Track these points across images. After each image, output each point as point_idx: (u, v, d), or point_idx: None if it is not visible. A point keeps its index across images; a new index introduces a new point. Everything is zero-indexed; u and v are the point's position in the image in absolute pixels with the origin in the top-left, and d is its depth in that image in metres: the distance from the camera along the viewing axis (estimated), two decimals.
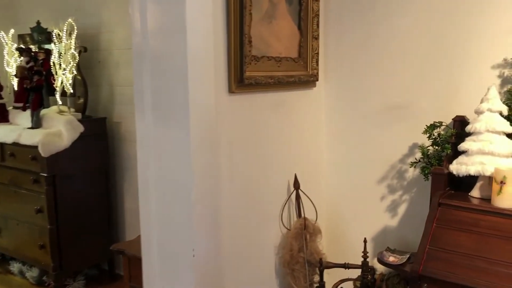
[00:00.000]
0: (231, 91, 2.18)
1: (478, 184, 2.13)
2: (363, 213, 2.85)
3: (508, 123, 2.08)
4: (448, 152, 2.24)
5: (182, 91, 1.93)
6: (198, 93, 1.96)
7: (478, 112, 2.13)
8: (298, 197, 2.58)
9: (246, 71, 2.19)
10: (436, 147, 2.34)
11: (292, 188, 2.60)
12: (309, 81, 2.70)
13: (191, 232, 2.00)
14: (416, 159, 2.46)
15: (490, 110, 2.09)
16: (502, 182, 1.95)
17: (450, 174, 2.17)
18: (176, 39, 1.92)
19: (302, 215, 2.57)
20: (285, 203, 2.60)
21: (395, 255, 2.21)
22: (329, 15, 2.80)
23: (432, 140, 2.34)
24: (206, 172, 2.04)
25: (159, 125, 2.03)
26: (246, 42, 2.18)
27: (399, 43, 2.59)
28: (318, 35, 2.69)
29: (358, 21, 2.71)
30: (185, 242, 2.02)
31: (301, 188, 2.61)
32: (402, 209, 2.71)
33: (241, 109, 2.28)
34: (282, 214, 2.59)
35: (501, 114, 2.09)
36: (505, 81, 2.29)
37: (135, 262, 2.52)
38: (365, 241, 2.49)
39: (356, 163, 2.84)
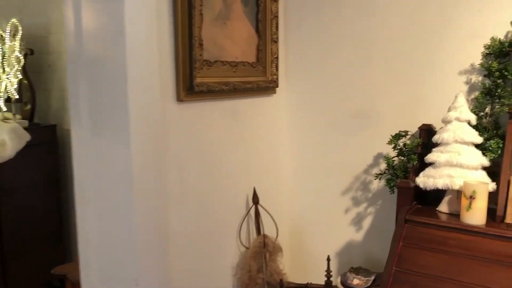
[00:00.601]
0: (179, 99, 1.98)
1: (446, 198, 1.99)
2: (327, 228, 2.69)
3: (477, 133, 1.96)
4: (415, 164, 2.10)
5: (121, 99, 1.72)
6: (139, 102, 1.75)
7: (446, 121, 2.00)
8: (257, 213, 2.40)
9: (196, 77, 2.00)
10: (402, 158, 2.20)
11: (251, 203, 2.42)
12: (268, 87, 2.53)
13: (134, 258, 1.79)
14: (381, 170, 2.32)
15: (458, 119, 1.96)
16: (472, 197, 1.81)
17: (417, 187, 2.03)
18: (114, 41, 1.71)
19: (262, 232, 2.38)
20: (243, 220, 2.41)
21: (359, 276, 2.06)
22: (289, 17, 2.64)
23: (397, 151, 2.19)
24: (150, 189, 1.83)
25: (97, 137, 1.81)
26: (196, 45, 1.98)
27: (364, 48, 2.45)
28: (277, 38, 2.52)
29: (321, 24, 2.56)
30: (127, 269, 1.81)
31: (260, 203, 2.43)
32: (367, 223, 2.56)
33: (192, 118, 2.08)
34: (240, 231, 2.40)
35: (469, 123, 1.97)
36: (472, 87, 2.18)
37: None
38: (328, 259, 2.33)
39: (320, 175, 2.68)
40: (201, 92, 2.04)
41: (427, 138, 2.14)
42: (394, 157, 2.22)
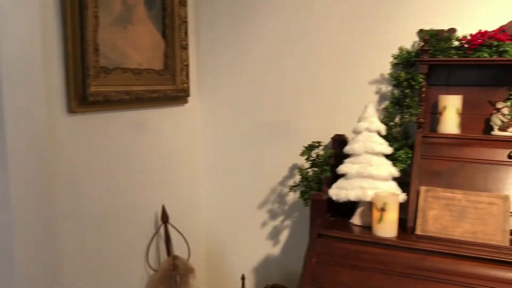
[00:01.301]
0: (71, 110, 1.76)
1: (359, 210, 1.95)
2: (244, 243, 2.57)
3: (386, 143, 1.93)
4: (328, 175, 2.05)
5: None
6: (18, 115, 1.52)
7: (356, 132, 1.96)
8: (167, 233, 2.22)
9: (91, 85, 1.79)
10: (316, 169, 2.14)
11: (160, 222, 2.24)
12: (178, 96, 2.37)
13: None
14: (295, 182, 2.24)
15: (368, 130, 1.93)
16: (383, 209, 1.77)
17: (331, 198, 1.97)
18: None
19: (172, 253, 2.21)
20: (151, 241, 2.22)
21: None
22: (200, 22, 2.51)
23: (310, 162, 2.13)
24: (33, 215, 1.60)
25: None
26: (90, 50, 1.78)
27: (277, 58, 2.37)
28: (187, 44, 2.37)
29: (233, 31, 2.45)
30: None
31: (171, 221, 2.25)
32: (284, 237, 2.48)
33: (88, 132, 1.87)
34: (148, 253, 2.20)
35: (379, 133, 1.94)
36: (383, 97, 2.17)
37: None
38: (242, 278, 2.21)
39: (236, 188, 2.56)
40: (97, 103, 1.84)
41: (339, 148, 2.10)
42: (307, 168, 2.15)
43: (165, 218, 2.22)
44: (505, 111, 1.88)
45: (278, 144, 2.42)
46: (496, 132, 1.90)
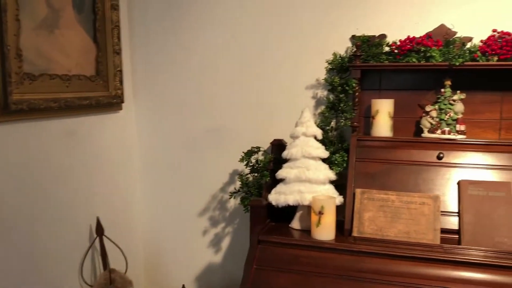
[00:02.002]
0: None
1: (297, 214, 1.96)
2: (185, 252, 2.51)
3: (323, 147, 1.96)
4: (267, 180, 2.04)
5: None
6: None
7: (294, 137, 1.97)
8: (102, 245, 2.12)
9: (13, 93, 1.68)
10: (255, 175, 2.13)
11: (95, 235, 2.13)
12: (112, 103, 2.28)
13: None
14: (236, 188, 2.22)
15: (305, 135, 1.94)
16: (321, 213, 1.79)
17: (271, 203, 1.96)
18: None
19: (108, 266, 2.11)
20: (86, 255, 2.12)
21: None
22: (133, 26, 2.43)
23: (250, 168, 2.12)
24: None
25: None
26: (11, 55, 1.67)
27: (214, 63, 2.35)
28: (120, 49, 2.29)
29: (168, 34, 2.39)
30: None
31: (107, 233, 2.16)
32: (226, 244, 2.45)
33: (11, 142, 1.74)
34: (82, 268, 2.10)
35: (316, 138, 1.96)
36: (319, 102, 2.20)
37: None
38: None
39: (175, 196, 2.50)
40: (21, 111, 1.72)
41: (278, 153, 2.10)
42: (247, 174, 2.14)
43: (100, 230, 2.12)
44: (434, 114, 1.96)
45: (218, 150, 2.39)
46: (425, 134, 1.98)
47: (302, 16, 2.19)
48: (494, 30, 1.91)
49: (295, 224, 1.95)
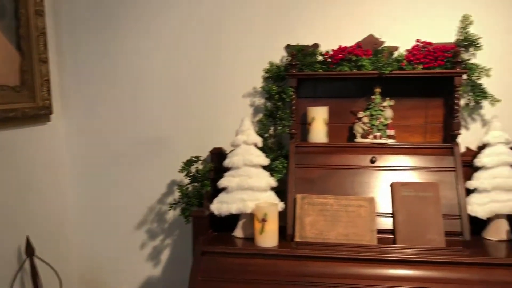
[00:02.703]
0: None
1: (240, 223, 1.97)
2: (122, 268, 2.43)
3: (263, 155, 1.98)
4: (208, 190, 2.03)
5: None
6: None
7: (235, 145, 1.98)
8: (33, 267, 1.99)
9: None
10: (196, 185, 2.11)
11: (24, 256, 1.99)
12: (39, 114, 2.15)
13: None
14: (175, 199, 2.18)
15: (246, 143, 1.96)
16: (264, 220, 1.81)
17: (213, 213, 1.95)
18: None
19: None
20: (15, 278, 1.97)
21: None
22: (61, 33, 2.31)
23: (190, 178, 2.09)
24: None
25: None
26: None
27: (148, 70, 2.29)
28: (47, 57, 2.17)
29: (99, 42, 2.31)
30: None
31: (38, 253, 2.02)
32: (165, 257, 2.40)
33: None
34: None
35: (256, 145, 1.98)
36: (257, 110, 2.23)
37: None
38: None
39: (110, 210, 2.41)
40: None
41: (218, 162, 2.10)
42: (187, 184, 2.11)
43: (30, 250, 1.99)
44: (366, 120, 2.05)
45: (155, 161, 2.34)
46: (358, 139, 2.07)
47: (238, 25, 2.20)
48: (417, 40, 2.05)
49: (239, 232, 1.96)
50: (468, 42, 2.03)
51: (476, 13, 2.04)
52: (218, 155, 2.14)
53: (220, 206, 1.93)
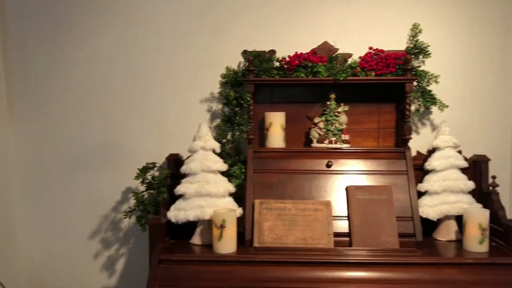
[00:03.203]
0: None
1: (198, 230, 1.94)
2: (75, 279, 2.34)
3: (221, 160, 1.97)
4: (165, 197, 1.99)
5: None
6: None
7: (192, 151, 1.96)
8: None
9: None
10: (152, 192, 2.06)
11: None
12: None
13: None
14: (130, 207, 2.12)
15: (203, 148, 1.94)
16: (222, 226, 1.80)
17: (170, 221, 1.92)
18: None
19: None
20: None
21: None
22: (7, 32, 2.21)
23: (146, 185, 2.05)
24: None
25: None
26: None
27: (103, 76, 2.24)
28: None
29: (49, 43, 2.23)
30: None
31: None
32: (120, 266, 2.33)
33: None
34: None
35: (214, 151, 1.97)
36: (214, 115, 2.22)
37: None
38: None
39: (62, 218, 2.32)
40: None
41: (175, 168, 2.07)
42: (143, 192, 2.06)
43: None
44: (321, 125, 2.09)
45: (109, 167, 2.28)
46: (315, 144, 2.10)
47: (195, 30, 2.19)
48: (370, 48, 2.11)
49: (196, 239, 1.93)
50: (417, 50, 2.12)
51: (425, 22, 2.12)
52: (175, 161, 2.11)
53: (178, 213, 1.90)
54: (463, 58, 2.17)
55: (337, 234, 1.88)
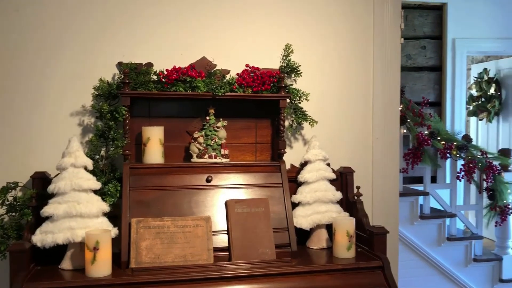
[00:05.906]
0: None
1: (68, 253, 1.80)
2: None
3: (94, 178, 1.86)
4: (29, 219, 1.81)
5: None
6: None
7: (61, 169, 1.81)
8: None
9: None
10: (14, 214, 1.86)
11: None
12: None
13: None
14: None
15: (74, 166, 1.81)
16: (96, 248, 1.69)
17: (36, 246, 1.75)
18: None
19: None
20: None
21: None
22: None
23: (7, 207, 1.84)
24: None
25: None
26: None
27: None
28: None
29: None
30: None
31: None
32: None
33: None
34: None
35: (86, 168, 1.85)
36: (86, 130, 2.09)
37: None
38: None
39: None
40: None
41: (42, 187, 1.90)
42: (3, 214, 1.85)
43: None
44: (201, 140, 2.09)
45: None
46: (195, 159, 2.09)
47: (66, 40, 2.05)
48: (247, 65, 2.18)
49: (66, 264, 1.78)
50: (290, 69, 2.23)
51: (296, 43, 2.25)
52: (41, 180, 1.94)
53: (44, 237, 1.74)
54: (330, 78, 2.35)
55: (217, 249, 1.89)
